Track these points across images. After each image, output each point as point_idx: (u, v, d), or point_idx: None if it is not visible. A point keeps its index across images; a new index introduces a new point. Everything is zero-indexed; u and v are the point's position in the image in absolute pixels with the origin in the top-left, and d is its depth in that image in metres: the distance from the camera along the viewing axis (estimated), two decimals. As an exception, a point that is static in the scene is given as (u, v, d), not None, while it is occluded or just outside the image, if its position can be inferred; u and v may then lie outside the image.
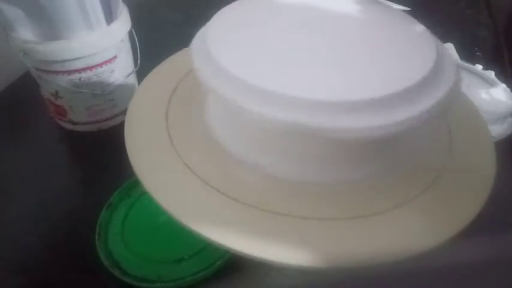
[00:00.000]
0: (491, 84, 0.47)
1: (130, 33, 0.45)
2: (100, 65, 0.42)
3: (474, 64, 0.49)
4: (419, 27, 0.30)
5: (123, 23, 0.43)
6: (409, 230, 0.26)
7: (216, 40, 0.28)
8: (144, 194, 0.38)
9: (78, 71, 0.42)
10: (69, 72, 0.41)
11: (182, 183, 0.28)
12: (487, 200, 0.27)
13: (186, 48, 0.39)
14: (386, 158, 0.30)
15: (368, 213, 0.26)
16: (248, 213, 0.26)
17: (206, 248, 0.34)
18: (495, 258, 0.17)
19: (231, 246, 0.24)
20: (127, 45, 0.45)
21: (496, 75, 0.48)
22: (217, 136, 0.31)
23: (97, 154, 0.45)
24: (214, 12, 0.30)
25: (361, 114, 0.24)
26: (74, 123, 0.47)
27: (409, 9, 0.63)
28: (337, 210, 0.26)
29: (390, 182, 0.29)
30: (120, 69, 0.45)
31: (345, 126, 0.24)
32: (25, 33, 0.40)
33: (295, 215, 0.26)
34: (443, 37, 0.56)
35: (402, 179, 0.29)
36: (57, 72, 0.41)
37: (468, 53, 0.55)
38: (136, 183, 0.38)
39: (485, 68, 0.49)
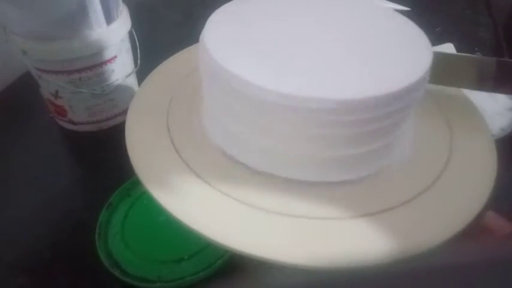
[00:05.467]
0: None
1: (130, 33, 0.45)
2: (100, 65, 0.42)
3: None
4: (414, 28, 0.30)
5: (123, 23, 0.43)
6: (408, 230, 0.26)
7: (214, 39, 0.28)
8: (144, 193, 0.38)
9: (78, 71, 0.42)
10: (69, 72, 0.41)
11: (182, 182, 0.28)
12: (487, 199, 0.27)
13: (187, 48, 0.39)
14: (386, 157, 0.30)
15: (368, 213, 0.26)
16: (248, 213, 0.26)
17: (206, 248, 0.34)
18: (495, 258, 0.17)
19: (231, 245, 0.24)
20: (127, 45, 0.45)
21: None
22: (216, 137, 0.31)
23: (97, 154, 0.45)
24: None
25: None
26: (74, 123, 0.47)
27: (409, 9, 0.63)
28: (336, 209, 0.26)
29: (390, 182, 0.29)
30: (120, 69, 0.45)
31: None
32: (25, 33, 0.40)
33: (295, 214, 0.26)
34: (443, 37, 0.56)
35: (402, 179, 0.29)
36: (57, 72, 0.41)
37: (468, 53, 0.55)
38: (136, 183, 0.38)
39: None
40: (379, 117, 0.26)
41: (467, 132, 0.32)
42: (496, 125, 0.41)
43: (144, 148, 0.30)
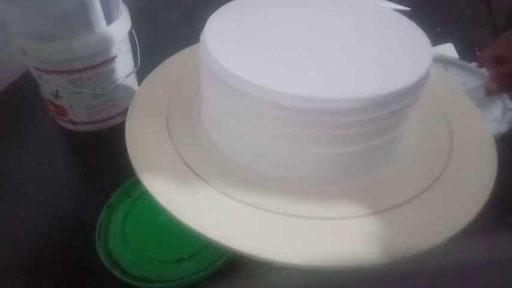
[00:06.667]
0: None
1: (130, 33, 0.45)
2: (100, 65, 0.42)
3: (471, 62, 0.49)
4: (414, 28, 0.30)
5: (123, 23, 0.43)
6: (409, 230, 0.26)
7: (214, 40, 0.28)
8: (144, 194, 0.38)
9: (78, 71, 0.42)
10: (69, 72, 0.41)
11: (182, 183, 0.28)
12: (487, 200, 0.27)
13: (187, 48, 0.39)
14: (386, 158, 0.30)
15: (367, 212, 0.26)
16: (248, 213, 0.26)
17: (206, 248, 0.34)
18: (495, 258, 0.17)
19: (231, 245, 0.24)
20: (127, 45, 0.45)
21: None
22: (216, 137, 0.31)
23: (97, 154, 0.45)
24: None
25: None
26: (74, 123, 0.47)
27: (409, 9, 0.63)
28: (336, 210, 0.26)
29: (390, 182, 0.29)
30: (120, 69, 0.45)
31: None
32: (25, 33, 0.40)
33: (294, 214, 0.26)
34: (443, 37, 0.56)
35: (402, 179, 0.29)
36: (57, 72, 0.41)
37: (468, 53, 0.55)
38: (136, 183, 0.38)
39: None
40: (379, 117, 0.25)
41: (467, 132, 0.32)
42: (493, 130, 0.41)
43: (144, 148, 0.30)
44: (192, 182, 0.28)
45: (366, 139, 0.27)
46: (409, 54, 0.28)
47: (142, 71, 0.41)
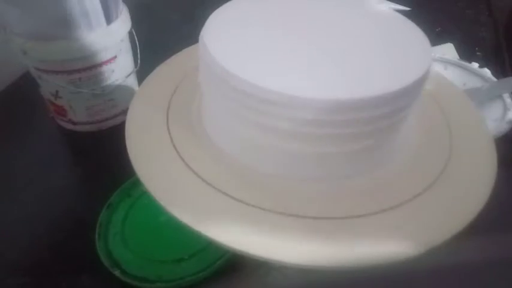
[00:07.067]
0: (488, 82, 0.47)
1: (130, 33, 0.45)
2: (100, 65, 0.42)
3: (470, 62, 0.49)
4: (414, 29, 0.30)
5: (123, 23, 0.43)
6: (408, 231, 0.26)
7: (214, 39, 0.28)
8: (144, 194, 0.38)
9: (78, 71, 0.42)
10: (69, 72, 0.41)
11: (183, 182, 0.28)
12: (487, 200, 0.27)
13: (187, 49, 0.39)
14: (386, 157, 0.30)
15: (368, 212, 0.26)
16: (249, 212, 0.26)
17: (206, 248, 0.34)
18: (495, 258, 0.17)
19: (231, 245, 0.24)
20: (127, 45, 0.45)
21: (492, 73, 0.47)
22: (216, 136, 0.31)
23: (97, 154, 0.45)
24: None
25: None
26: (74, 123, 0.47)
27: (409, 9, 0.63)
28: (336, 209, 0.26)
29: (390, 182, 0.29)
30: (120, 69, 0.45)
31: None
32: (25, 33, 0.40)
33: (295, 214, 0.26)
34: (443, 37, 0.56)
35: (402, 179, 0.29)
36: (57, 72, 0.41)
37: (468, 53, 0.55)
38: (136, 183, 0.38)
39: (482, 66, 0.49)
40: (378, 116, 0.26)
41: (467, 132, 0.32)
42: (493, 130, 0.41)
43: (144, 148, 0.30)
44: (192, 181, 0.28)
45: (365, 139, 0.27)
46: (409, 53, 0.28)
47: (143, 71, 0.41)
